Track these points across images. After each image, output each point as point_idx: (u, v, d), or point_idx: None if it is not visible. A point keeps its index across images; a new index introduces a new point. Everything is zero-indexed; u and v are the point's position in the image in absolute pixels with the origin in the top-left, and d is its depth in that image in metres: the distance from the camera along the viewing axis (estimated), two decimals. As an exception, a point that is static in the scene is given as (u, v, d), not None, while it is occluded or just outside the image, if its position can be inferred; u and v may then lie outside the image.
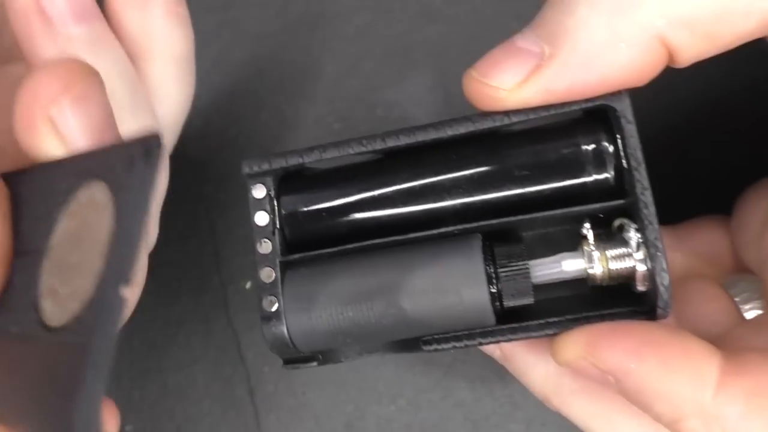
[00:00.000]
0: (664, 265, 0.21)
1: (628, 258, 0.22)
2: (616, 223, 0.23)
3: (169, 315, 0.36)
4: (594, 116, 0.23)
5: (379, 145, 0.23)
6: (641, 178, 0.22)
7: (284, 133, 0.36)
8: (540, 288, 0.23)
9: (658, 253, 0.21)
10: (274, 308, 0.23)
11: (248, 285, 0.35)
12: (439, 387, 0.34)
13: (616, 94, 0.22)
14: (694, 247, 0.29)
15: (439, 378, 0.34)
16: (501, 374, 0.34)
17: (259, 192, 0.24)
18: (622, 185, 0.22)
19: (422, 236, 0.23)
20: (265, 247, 0.24)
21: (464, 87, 0.23)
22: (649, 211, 0.21)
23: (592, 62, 0.21)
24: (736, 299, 0.27)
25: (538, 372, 0.25)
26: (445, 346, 0.23)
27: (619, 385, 0.21)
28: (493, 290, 0.22)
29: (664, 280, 0.21)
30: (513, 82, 0.21)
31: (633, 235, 0.22)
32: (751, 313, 0.27)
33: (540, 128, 0.23)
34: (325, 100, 0.36)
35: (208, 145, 0.36)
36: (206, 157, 0.36)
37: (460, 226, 0.23)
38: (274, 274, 0.24)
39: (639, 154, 0.22)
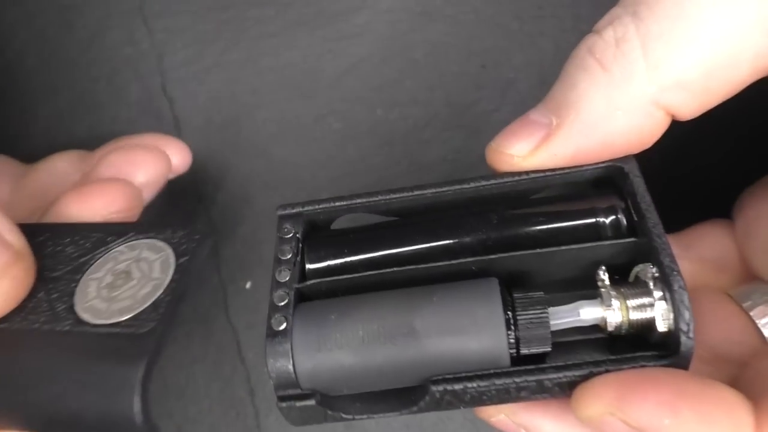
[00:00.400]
0: (687, 307, 0.21)
1: (649, 307, 0.22)
2: (636, 269, 0.23)
3: (169, 315, 0.36)
4: (608, 179, 0.25)
5: (407, 193, 0.25)
6: (654, 224, 0.22)
7: (284, 133, 0.36)
8: (556, 333, 0.23)
9: (683, 304, 0.21)
10: (281, 327, 0.23)
11: (248, 285, 0.35)
12: (439, 387, 0.34)
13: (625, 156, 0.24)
14: (701, 254, 0.29)
15: (439, 378, 0.34)
16: (501, 374, 0.34)
17: (287, 232, 0.25)
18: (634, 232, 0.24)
19: (438, 266, 0.23)
20: (284, 275, 0.24)
21: (486, 156, 0.25)
22: (666, 251, 0.22)
23: (593, 130, 0.23)
24: (751, 313, 0.26)
25: None
26: (456, 386, 0.22)
27: None
28: (511, 337, 0.22)
29: (686, 321, 0.21)
30: (526, 150, 0.24)
31: (651, 279, 0.22)
32: None
33: (558, 197, 0.25)
34: (325, 100, 0.36)
35: (208, 145, 0.36)
36: (206, 157, 0.36)
37: (477, 258, 0.23)
38: (287, 299, 0.24)
39: (648, 198, 0.23)
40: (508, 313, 0.22)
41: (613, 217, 0.24)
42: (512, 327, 0.22)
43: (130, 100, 0.37)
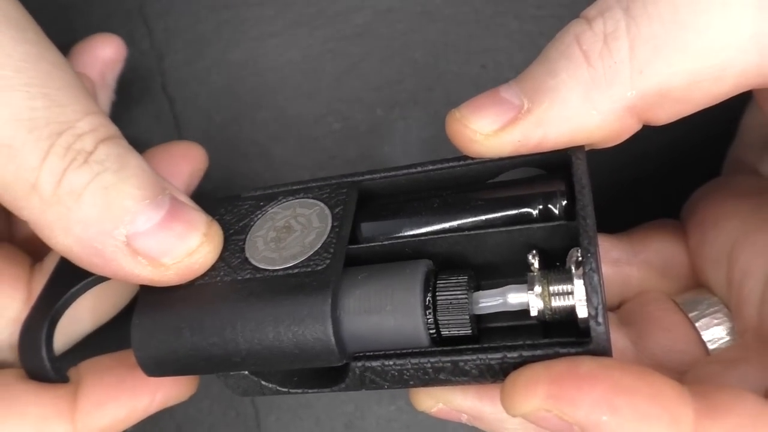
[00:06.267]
0: (596, 291, 0.20)
1: (569, 294, 0.21)
2: (569, 256, 0.22)
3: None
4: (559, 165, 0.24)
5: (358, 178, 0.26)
6: (582, 206, 0.22)
7: (284, 133, 0.36)
8: (488, 317, 0.23)
9: (592, 287, 0.20)
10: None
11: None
12: (438, 387, 0.34)
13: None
14: (648, 258, 0.29)
15: (438, 378, 0.34)
16: (501, 374, 0.34)
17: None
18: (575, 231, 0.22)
19: (371, 246, 0.24)
20: None
21: (446, 125, 0.24)
22: (587, 233, 0.21)
23: (564, 123, 0.23)
24: (697, 324, 0.26)
25: (511, 422, 0.23)
26: (374, 363, 0.22)
27: None
28: (430, 319, 0.22)
29: (594, 306, 0.20)
30: (490, 128, 0.23)
31: (574, 264, 0.21)
32: (713, 343, 0.26)
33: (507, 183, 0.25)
34: (325, 100, 0.36)
35: (208, 144, 0.36)
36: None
37: (407, 239, 0.24)
38: None
39: (584, 181, 0.22)
40: (428, 295, 0.22)
41: (549, 201, 0.23)
42: (430, 309, 0.22)
43: (130, 100, 0.37)
